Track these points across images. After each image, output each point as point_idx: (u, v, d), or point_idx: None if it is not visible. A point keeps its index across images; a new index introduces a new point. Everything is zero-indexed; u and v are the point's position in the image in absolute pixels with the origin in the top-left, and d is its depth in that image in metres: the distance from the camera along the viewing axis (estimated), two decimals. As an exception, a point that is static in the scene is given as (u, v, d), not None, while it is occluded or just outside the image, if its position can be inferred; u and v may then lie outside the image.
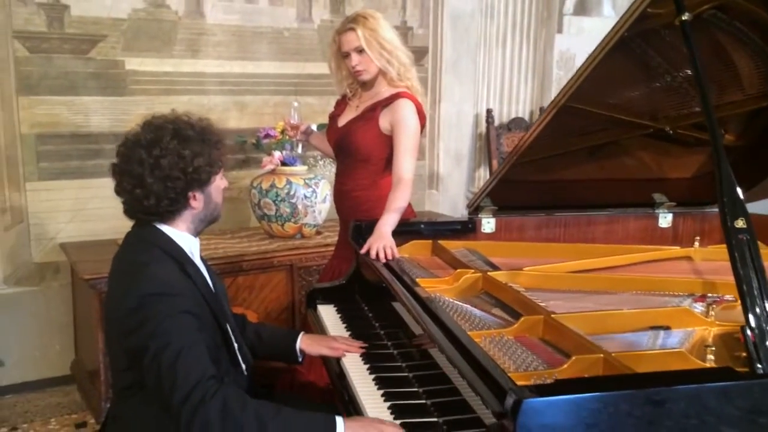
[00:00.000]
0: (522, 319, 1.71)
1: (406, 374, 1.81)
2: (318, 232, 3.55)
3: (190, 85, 3.58)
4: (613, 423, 1.21)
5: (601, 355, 1.46)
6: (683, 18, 1.74)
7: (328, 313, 2.30)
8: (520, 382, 1.35)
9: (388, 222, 2.35)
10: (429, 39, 4.30)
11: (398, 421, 1.58)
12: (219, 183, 1.75)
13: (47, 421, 3.12)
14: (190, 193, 1.66)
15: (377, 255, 2.20)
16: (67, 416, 3.16)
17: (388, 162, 2.64)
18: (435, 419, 1.58)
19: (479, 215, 2.56)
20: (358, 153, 2.62)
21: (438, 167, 4.45)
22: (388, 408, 1.65)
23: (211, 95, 3.62)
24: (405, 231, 2.51)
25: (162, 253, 1.64)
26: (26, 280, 3.34)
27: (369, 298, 2.33)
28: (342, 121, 2.69)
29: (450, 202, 4.44)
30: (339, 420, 1.54)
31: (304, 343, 2.03)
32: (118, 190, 1.68)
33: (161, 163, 1.61)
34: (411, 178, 2.54)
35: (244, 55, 3.67)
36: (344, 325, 2.20)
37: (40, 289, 3.37)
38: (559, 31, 4.69)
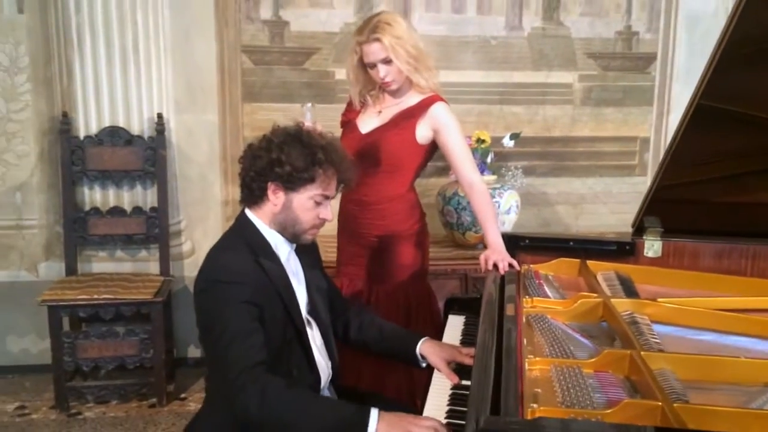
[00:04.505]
0: (605, 352, 1.51)
1: (487, 395, 1.70)
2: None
3: (394, 94, 3.71)
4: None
5: (659, 404, 1.24)
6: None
7: (454, 324, 2.24)
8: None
9: (498, 235, 2.27)
10: (658, 44, 3.91)
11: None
12: (305, 200, 1.74)
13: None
14: (270, 183, 1.72)
15: (495, 266, 2.12)
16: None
17: (416, 173, 2.53)
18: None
19: (643, 237, 2.29)
20: (388, 162, 2.46)
21: (661, 185, 4.02)
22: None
23: (413, 104, 3.71)
24: (553, 247, 2.34)
25: (243, 244, 1.74)
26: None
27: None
28: (365, 128, 2.53)
29: (674, 223, 3.98)
30: (374, 412, 1.51)
31: (425, 348, 1.93)
32: None
33: (256, 145, 1.76)
34: (484, 186, 2.44)
35: (448, 65, 3.69)
36: (460, 337, 2.12)
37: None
38: (832, 30, 3.95)
